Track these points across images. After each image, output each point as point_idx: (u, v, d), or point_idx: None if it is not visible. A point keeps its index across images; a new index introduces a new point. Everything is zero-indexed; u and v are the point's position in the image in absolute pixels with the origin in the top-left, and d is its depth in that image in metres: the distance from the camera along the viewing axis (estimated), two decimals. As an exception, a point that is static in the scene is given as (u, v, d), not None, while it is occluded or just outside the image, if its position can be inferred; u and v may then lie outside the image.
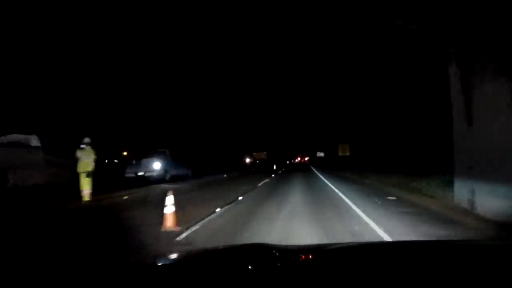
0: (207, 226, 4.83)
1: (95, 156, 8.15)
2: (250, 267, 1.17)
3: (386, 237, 3.90)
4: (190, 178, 15.26)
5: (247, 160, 47.51)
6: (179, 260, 1.36)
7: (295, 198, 7.77)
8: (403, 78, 18.92)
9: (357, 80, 26.14)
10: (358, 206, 6.10)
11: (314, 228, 4.45)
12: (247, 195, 8.56)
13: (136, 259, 2.30)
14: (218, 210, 6.06)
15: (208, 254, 1.48)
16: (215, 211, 5.90)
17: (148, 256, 2.95)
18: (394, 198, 7.46)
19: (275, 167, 27.62)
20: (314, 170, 22.90)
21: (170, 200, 4.56)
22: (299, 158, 70.87)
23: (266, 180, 13.83)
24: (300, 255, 1.36)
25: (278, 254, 1.33)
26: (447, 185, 7.39)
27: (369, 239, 3.81)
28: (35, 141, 12.99)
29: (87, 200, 7.69)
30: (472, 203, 5.32)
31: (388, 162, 20.27)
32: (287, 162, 53.69)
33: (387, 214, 5.36)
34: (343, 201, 7.11)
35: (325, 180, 13.22)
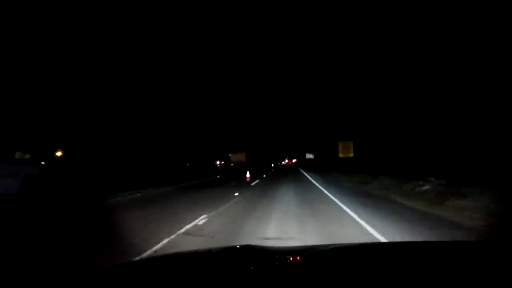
0: None
1: None
2: (239, 268, 1.19)
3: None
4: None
5: (218, 163, 45.21)
6: (167, 263, 1.37)
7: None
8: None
9: (354, 69, 24.35)
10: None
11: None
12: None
13: (121, 262, 2.26)
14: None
15: (198, 256, 1.50)
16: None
17: (134, 259, 2.93)
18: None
19: (248, 175, 17.65)
20: (313, 182, 15.45)
21: None
22: (286, 161, 72.08)
23: (234, 199, 8.61)
24: (288, 257, 1.37)
25: (267, 256, 1.36)
26: None
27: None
28: None
29: None
30: None
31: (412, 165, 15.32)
32: (272, 166, 50.17)
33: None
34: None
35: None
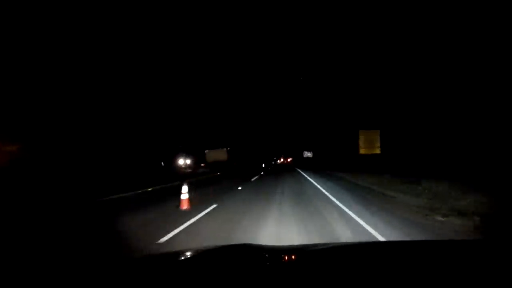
0: None
1: None
2: (236, 267, 1.19)
3: None
4: None
5: (182, 162, 30.45)
6: (166, 261, 1.37)
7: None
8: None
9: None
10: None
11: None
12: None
13: (119, 260, 2.22)
14: None
15: (196, 254, 1.49)
16: None
17: (132, 257, 2.91)
18: None
19: (184, 197, 7.02)
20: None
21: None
22: (282, 159, 68.33)
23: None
24: (286, 255, 1.38)
25: (264, 254, 1.36)
26: None
27: None
28: None
29: None
30: None
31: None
32: (263, 166, 35.74)
33: None
34: None
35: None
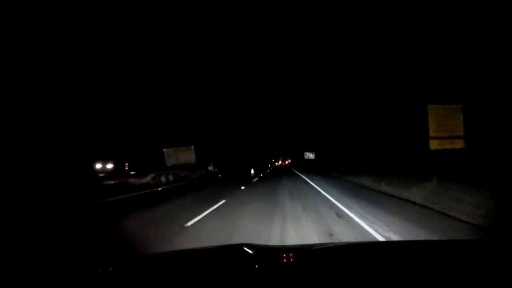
0: None
1: None
2: (236, 266, 1.20)
3: None
4: None
5: (100, 166, 19.69)
6: (166, 261, 1.37)
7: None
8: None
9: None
10: None
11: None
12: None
13: (119, 260, 2.26)
14: None
15: (196, 254, 1.50)
16: None
17: (132, 257, 2.90)
18: None
19: None
20: None
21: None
22: (280, 162, 65.93)
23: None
24: (286, 255, 1.39)
25: (263, 254, 1.36)
26: None
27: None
28: None
29: None
30: None
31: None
32: (253, 173, 25.68)
33: None
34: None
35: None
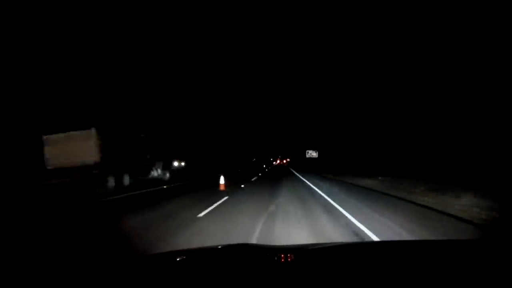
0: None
1: None
2: (235, 266, 1.18)
3: None
4: None
5: None
6: (165, 261, 1.34)
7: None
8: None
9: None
10: None
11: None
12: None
13: (120, 260, 2.12)
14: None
15: (195, 254, 1.48)
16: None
17: (133, 257, 2.87)
18: None
19: None
20: None
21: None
22: (278, 161, 67.77)
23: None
24: (284, 255, 1.38)
25: (263, 254, 1.36)
26: None
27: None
28: None
29: None
30: None
31: None
32: (222, 183, 11.84)
33: None
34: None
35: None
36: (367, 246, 1.88)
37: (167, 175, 17.66)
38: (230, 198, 8.88)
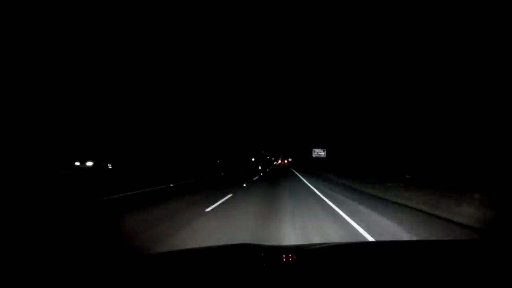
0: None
1: None
2: (236, 266, 1.20)
3: None
4: None
5: None
6: (167, 261, 1.35)
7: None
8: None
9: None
10: None
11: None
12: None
13: (120, 260, 2.06)
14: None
15: (196, 254, 1.50)
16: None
17: (133, 257, 2.78)
18: None
19: None
20: None
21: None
22: (279, 161, 65.77)
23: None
24: (285, 255, 1.41)
25: (264, 254, 1.37)
26: None
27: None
28: None
29: None
30: None
31: None
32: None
33: None
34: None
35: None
36: (368, 246, 1.88)
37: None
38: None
